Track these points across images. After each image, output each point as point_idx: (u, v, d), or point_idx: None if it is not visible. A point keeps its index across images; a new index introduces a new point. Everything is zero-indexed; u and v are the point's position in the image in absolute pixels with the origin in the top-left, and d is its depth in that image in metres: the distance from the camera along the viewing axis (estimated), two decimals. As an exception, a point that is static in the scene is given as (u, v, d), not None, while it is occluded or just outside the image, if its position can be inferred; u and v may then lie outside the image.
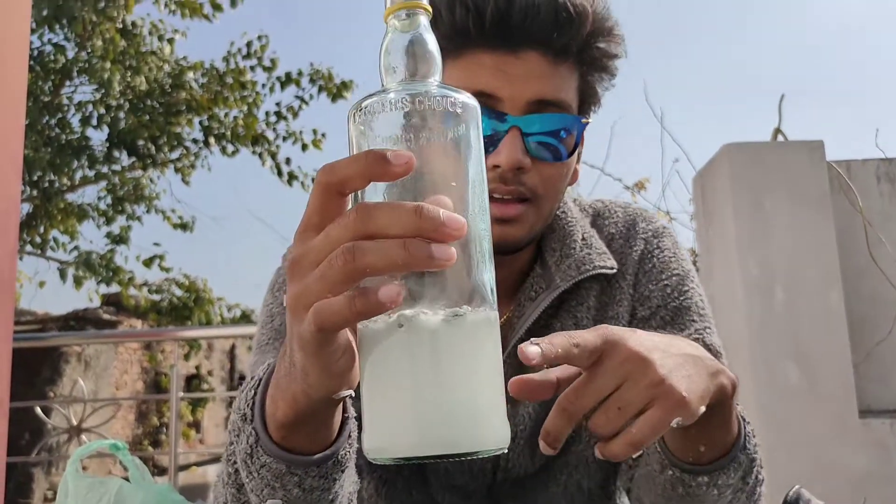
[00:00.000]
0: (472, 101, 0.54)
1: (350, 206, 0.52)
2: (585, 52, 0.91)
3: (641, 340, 0.62)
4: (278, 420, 0.64)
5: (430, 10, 0.57)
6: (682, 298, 0.99)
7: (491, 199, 0.84)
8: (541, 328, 0.96)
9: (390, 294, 0.48)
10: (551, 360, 0.58)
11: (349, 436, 0.70)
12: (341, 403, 0.67)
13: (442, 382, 0.50)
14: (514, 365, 0.92)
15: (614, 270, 0.98)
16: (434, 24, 0.87)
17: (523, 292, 0.98)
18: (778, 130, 2.69)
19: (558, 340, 0.59)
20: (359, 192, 0.52)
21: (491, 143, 0.88)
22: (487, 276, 0.53)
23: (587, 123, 0.94)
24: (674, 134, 6.75)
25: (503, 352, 0.91)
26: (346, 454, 0.70)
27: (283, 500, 0.69)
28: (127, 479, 0.84)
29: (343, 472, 0.70)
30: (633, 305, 0.99)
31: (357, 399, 0.58)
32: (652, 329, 0.92)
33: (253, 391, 0.70)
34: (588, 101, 0.96)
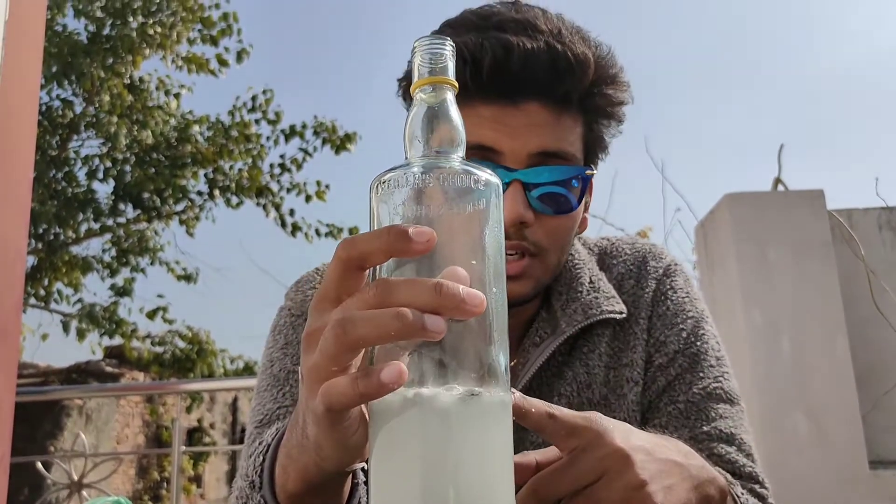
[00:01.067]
0: (494, 179, 0.54)
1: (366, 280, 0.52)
2: (589, 101, 0.89)
3: (628, 437, 0.60)
4: (289, 490, 0.63)
5: (457, 85, 0.57)
6: (699, 344, 0.95)
7: None
8: (552, 376, 0.93)
9: (392, 375, 0.47)
10: (521, 416, 0.57)
11: (359, 502, 0.68)
12: (348, 485, 0.66)
13: (452, 465, 0.49)
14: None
15: (623, 315, 0.94)
16: None
17: (528, 338, 0.94)
18: (778, 180, 2.71)
19: (537, 402, 0.58)
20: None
21: None
22: (503, 355, 0.52)
23: (592, 175, 0.91)
24: (675, 183, 6.80)
25: None
26: None
27: None
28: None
29: None
30: (648, 351, 0.95)
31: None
32: (671, 377, 0.92)
33: (262, 457, 0.68)
34: (595, 149, 0.94)
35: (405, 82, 0.95)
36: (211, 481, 12.06)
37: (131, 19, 9.24)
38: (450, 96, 0.56)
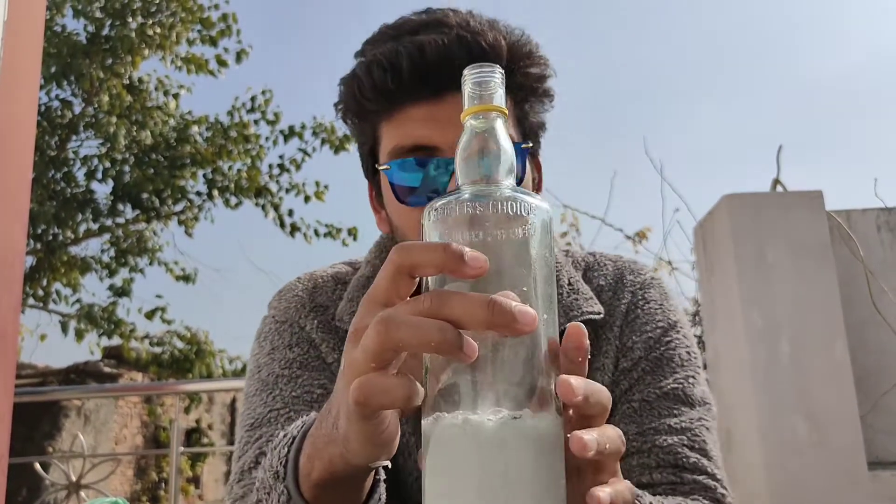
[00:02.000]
0: (544, 205, 0.54)
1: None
2: (510, 81, 0.89)
3: None
4: (313, 480, 0.63)
5: (506, 112, 0.58)
6: (663, 349, 0.98)
7: None
8: None
9: (412, 391, 0.50)
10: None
11: (379, 499, 0.68)
12: (370, 480, 0.66)
13: (501, 491, 0.49)
14: None
15: (601, 315, 0.98)
16: (359, 90, 0.90)
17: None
18: (777, 181, 2.71)
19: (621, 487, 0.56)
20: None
21: (439, 191, 0.88)
22: (553, 380, 0.52)
23: (528, 149, 0.94)
24: (674, 184, 6.80)
25: None
26: None
27: None
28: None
29: None
30: (617, 357, 0.98)
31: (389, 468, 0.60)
32: (632, 380, 0.96)
33: (286, 448, 0.69)
34: (530, 127, 0.97)
35: (340, 104, 0.98)
36: (209, 482, 12.05)
37: (130, 20, 9.24)
38: (499, 123, 0.57)
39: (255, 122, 10.11)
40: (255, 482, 0.80)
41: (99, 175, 9.56)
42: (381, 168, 0.94)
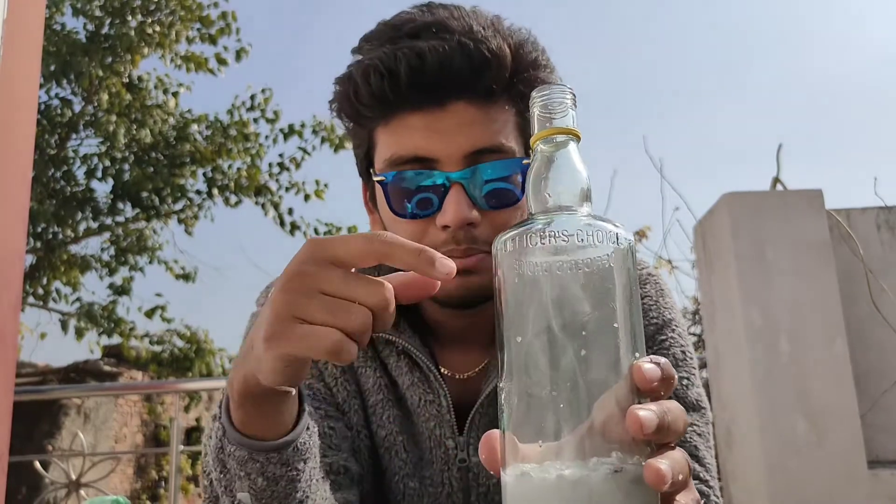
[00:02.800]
0: (625, 233, 0.51)
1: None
2: (514, 89, 0.89)
3: None
4: (234, 402, 0.66)
5: (580, 136, 0.55)
6: (656, 349, 0.96)
7: (448, 255, 0.84)
8: None
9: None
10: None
11: (307, 427, 0.71)
12: (298, 397, 0.69)
13: None
14: (489, 414, 0.94)
15: None
16: (355, 96, 0.88)
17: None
18: (777, 180, 2.71)
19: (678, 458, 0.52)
20: None
21: (436, 203, 0.87)
22: None
23: (528, 164, 0.91)
24: (674, 182, 6.80)
25: (478, 399, 0.94)
26: (305, 443, 0.70)
27: (250, 491, 0.70)
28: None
29: (305, 462, 0.71)
30: None
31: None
32: None
33: (223, 394, 0.71)
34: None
35: (335, 103, 0.95)
36: (209, 480, 12.04)
37: (130, 18, 9.22)
38: (573, 147, 0.54)
39: (255, 120, 10.10)
40: None
41: (99, 174, 9.55)
42: (376, 178, 0.91)
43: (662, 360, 0.50)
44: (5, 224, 1.76)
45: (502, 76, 0.87)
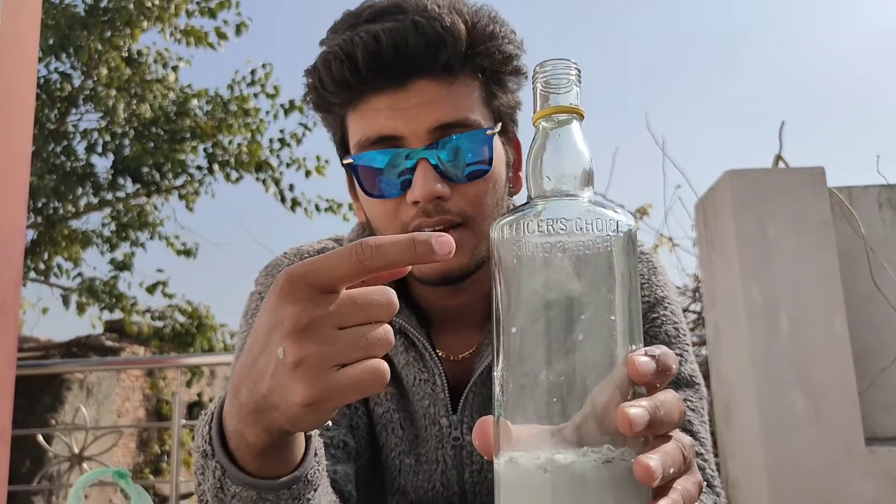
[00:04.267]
0: (625, 220, 0.50)
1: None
2: (473, 63, 0.90)
3: None
4: (252, 452, 0.63)
5: (584, 114, 0.52)
6: (648, 326, 0.97)
7: (419, 229, 0.87)
8: None
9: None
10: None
11: (315, 454, 0.69)
12: (302, 436, 0.67)
13: None
14: (482, 394, 0.96)
15: None
16: (321, 84, 0.90)
17: (491, 317, 0.97)
18: (779, 157, 2.70)
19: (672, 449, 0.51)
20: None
21: (405, 181, 0.88)
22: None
23: (493, 134, 0.91)
24: (676, 160, 6.78)
25: (471, 378, 0.96)
26: (315, 473, 0.69)
27: None
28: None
29: (315, 490, 0.69)
30: None
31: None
32: None
33: (207, 427, 0.68)
34: (500, 108, 0.95)
35: (307, 96, 0.98)
36: (211, 454, 12.12)
37: (128, -9, 9.15)
38: (575, 126, 0.52)
39: (255, 95, 10.05)
40: None
41: (99, 149, 9.52)
42: (346, 162, 0.94)
43: (659, 350, 0.49)
44: (6, 199, 1.76)
45: (459, 51, 0.88)
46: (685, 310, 4.67)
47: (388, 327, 0.55)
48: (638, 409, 0.46)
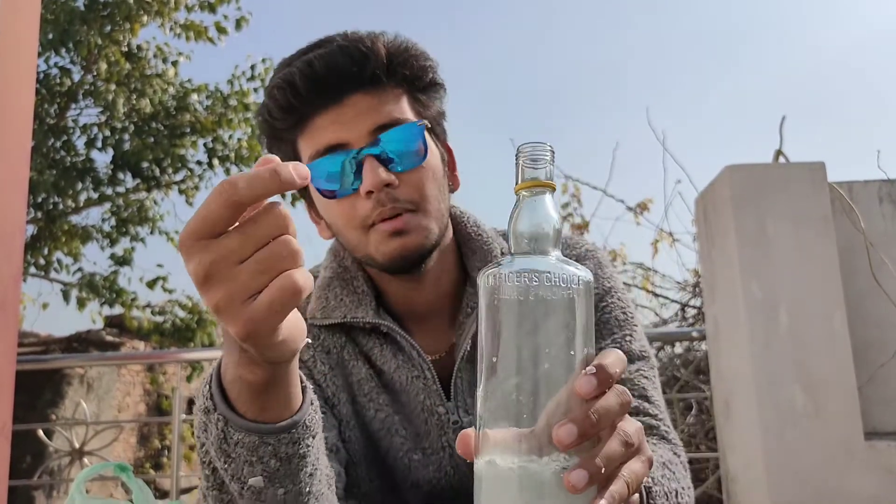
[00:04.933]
0: (586, 276, 0.62)
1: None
2: (396, 73, 1.03)
3: None
4: (250, 393, 0.68)
5: (555, 187, 0.64)
6: (600, 314, 1.10)
7: (381, 220, 0.99)
8: None
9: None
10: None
11: (311, 403, 0.76)
12: (297, 377, 0.73)
13: None
14: (467, 378, 1.07)
15: None
16: (268, 113, 1.04)
17: (462, 312, 1.09)
18: (779, 152, 2.70)
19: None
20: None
21: (356, 177, 0.99)
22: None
23: (424, 126, 1.04)
24: (676, 155, 6.76)
25: (454, 367, 1.06)
26: (312, 419, 0.75)
27: (263, 474, 0.73)
28: (131, 501, 0.84)
29: (314, 437, 0.75)
30: None
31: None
32: None
33: (207, 386, 0.73)
34: (427, 113, 1.08)
35: (263, 136, 1.10)
36: (212, 449, 12.15)
37: (128, -14, 9.12)
38: (548, 197, 0.63)
39: (256, 90, 10.05)
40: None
41: (99, 143, 9.53)
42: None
43: (601, 363, 0.59)
44: (6, 194, 1.76)
45: (381, 63, 1.01)
46: (685, 304, 4.67)
47: (287, 238, 0.58)
48: (565, 428, 0.55)
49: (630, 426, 0.61)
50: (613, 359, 0.61)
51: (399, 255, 1.01)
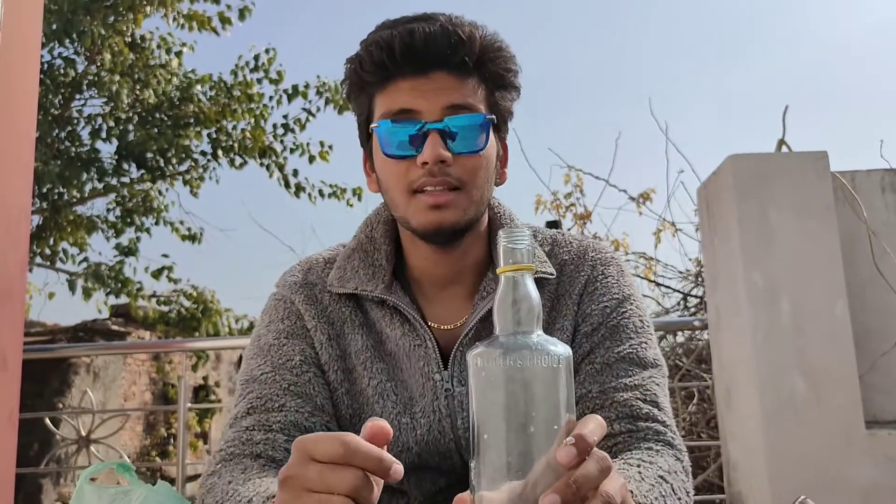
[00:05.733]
0: (566, 352, 0.68)
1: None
2: (483, 67, 1.12)
3: None
4: None
5: (534, 268, 0.72)
6: (619, 318, 1.16)
7: (424, 191, 1.08)
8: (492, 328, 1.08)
9: None
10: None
11: None
12: None
13: None
14: (464, 362, 1.13)
15: (553, 276, 1.17)
16: (360, 65, 1.13)
17: (479, 293, 1.16)
18: (782, 141, 2.69)
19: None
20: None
21: (417, 146, 1.08)
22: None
23: (491, 121, 1.12)
24: (679, 145, 6.75)
25: (455, 347, 1.13)
26: None
27: None
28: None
29: None
30: (576, 321, 1.17)
31: None
32: (593, 343, 1.15)
33: None
34: (499, 112, 1.15)
35: (346, 80, 1.18)
36: (217, 437, 12.23)
37: (131, -25, 9.10)
38: (528, 278, 0.70)
39: (259, 81, 10.03)
40: (244, 432, 1.08)
41: (103, 134, 9.52)
42: (372, 126, 1.13)
43: (580, 433, 0.64)
44: (11, 184, 1.77)
45: (473, 53, 1.09)
46: (688, 294, 4.67)
47: (343, 499, 0.66)
48: (549, 499, 0.62)
49: (613, 485, 0.66)
50: (593, 426, 0.66)
51: (434, 228, 1.10)
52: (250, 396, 1.12)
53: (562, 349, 0.68)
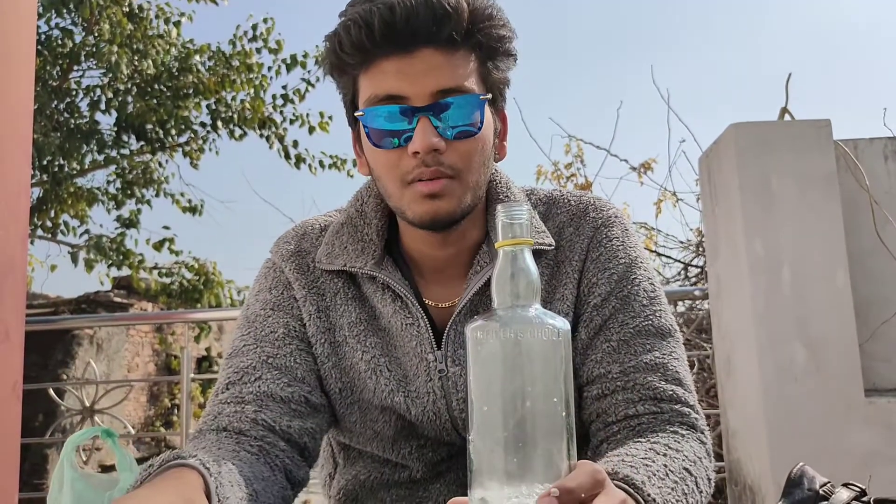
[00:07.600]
0: (564, 326, 0.68)
1: None
2: (473, 39, 1.03)
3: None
4: None
5: (533, 242, 0.71)
6: (629, 286, 1.11)
7: (419, 180, 1.02)
8: (488, 301, 1.05)
9: None
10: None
11: None
12: None
13: None
14: (461, 331, 1.10)
15: (552, 248, 1.12)
16: (339, 46, 1.04)
17: (472, 267, 1.12)
18: (785, 110, 2.67)
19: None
20: None
21: (407, 135, 1.01)
22: (567, 466, 0.66)
23: (486, 100, 1.05)
24: (681, 114, 6.72)
25: (448, 325, 1.10)
26: None
27: None
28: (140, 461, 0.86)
29: None
30: (580, 290, 1.11)
31: None
32: (605, 316, 1.09)
33: None
34: (493, 82, 1.07)
35: (325, 59, 1.10)
36: (221, 409, 12.30)
37: (127, -56, 8.99)
38: (527, 252, 0.70)
39: (258, 50, 9.95)
40: (216, 406, 1.06)
41: (102, 105, 9.46)
42: (357, 114, 1.06)
43: (567, 487, 0.63)
44: (10, 157, 1.77)
45: (461, 26, 1.00)
46: (688, 264, 4.68)
47: None
48: None
49: (614, 498, 0.67)
50: (582, 481, 0.64)
51: (429, 218, 1.04)
52: (229, 371, 1.09)
53: (560, 322, 0.67)
